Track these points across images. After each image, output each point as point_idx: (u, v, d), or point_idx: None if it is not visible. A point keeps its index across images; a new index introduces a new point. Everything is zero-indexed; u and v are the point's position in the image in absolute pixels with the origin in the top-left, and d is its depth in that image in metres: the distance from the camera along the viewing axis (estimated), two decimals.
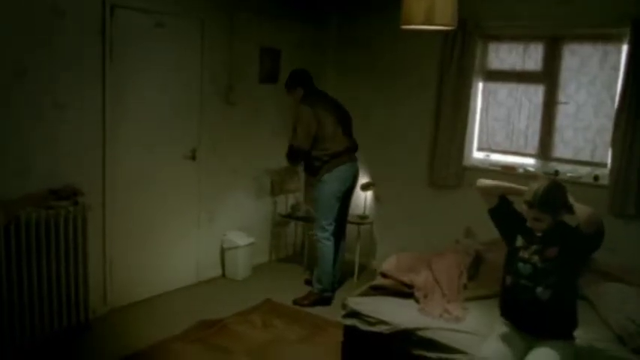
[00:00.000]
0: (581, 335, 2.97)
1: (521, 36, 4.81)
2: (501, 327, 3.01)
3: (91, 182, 4.07)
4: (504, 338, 2.92)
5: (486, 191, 3.06)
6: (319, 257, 4.73)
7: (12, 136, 3.63)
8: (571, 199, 2.80)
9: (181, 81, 4.65)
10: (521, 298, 2.89)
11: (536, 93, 4.79)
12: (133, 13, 4.18)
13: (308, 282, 5.01)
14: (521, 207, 2.93)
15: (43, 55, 3.71)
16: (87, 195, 3.93)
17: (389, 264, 3.94)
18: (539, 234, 2.87)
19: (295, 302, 4.69)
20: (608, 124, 4.43)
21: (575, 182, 4.47)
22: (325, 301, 4.71)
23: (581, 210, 2.73)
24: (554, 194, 2.78)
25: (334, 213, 4.72)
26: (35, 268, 3.60)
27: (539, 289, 2.82)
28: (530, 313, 2.87)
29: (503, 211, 3.04)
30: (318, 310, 4.54)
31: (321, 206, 4.70)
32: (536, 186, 2.79)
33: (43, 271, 3.64)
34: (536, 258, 2.85)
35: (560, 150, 4.74)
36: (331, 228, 4.72)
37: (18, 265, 3.51)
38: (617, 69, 4.40)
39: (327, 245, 4.70)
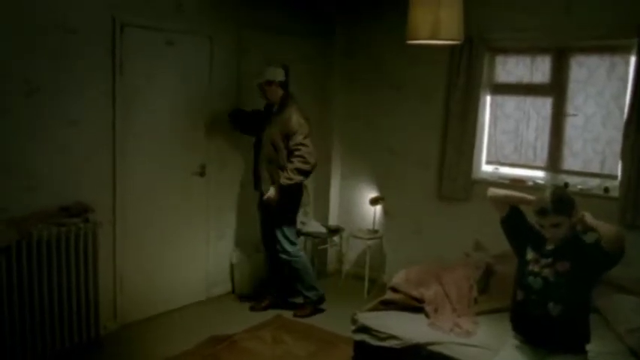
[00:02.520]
0: (594, 349, 2.95)
1: (528, 48, 4.81)
2: (513, 341, 2.99)
3: (102, 198, 4.10)
4: (516, 352, 2.90)
5: (498, 200, 3.07)
6: (301, 270, 4.72)
7: (23, 153, 3.67)
8: (594, 220, 2.75)
9: (190, 97, 4.69)
10: (532, 313, 2.86)
11: (544, 105, 4.78)
12: (142, 32, 4.24)
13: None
14: (531, 218, 2.92)
15: (53, 71, 3.76)
16: (97, 211, 3.97)
17: (399, 278, 3.94)
18: (550, 247, 2.85)
19: (295, 315, 4.71)
20: (618, 136, 4.40)
21: (586, 194, 4.44)
22: (321, 302, 4.81)
23: (606, 228, 2.67)
24: (563, 195, 2.80)
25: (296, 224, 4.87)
26: (46, 284, 3.63)
27: (550, 304, 2.79)
28: (542, 328, 2.84)
29: (514, 220, 3.04)
30: (329, 326, 4.52)
31: (288, 222, 4.70)
32: (542, 195, 2.81)
33: (54, 287, 3.67)
34: (547, 271, 2.83)
35: (569, 162, 4.72)
36: (296, 239, 4.81)
37: (29, 282, 3.54)
38: (624, 80, 4.38)
39: (302, 257, 4.78)
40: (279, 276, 4.88)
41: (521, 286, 2.93)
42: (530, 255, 2.94)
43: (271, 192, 4.55)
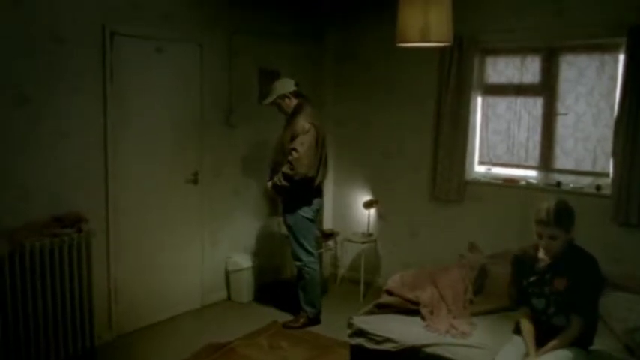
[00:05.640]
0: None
1: (518, 49, 4.83)
2: (516, 338, 3.01)
3: (94, 208, 4.08)
4: (520, 346, 2.92)
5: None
6: (308, 282, 4.60)
7: (15, 163, 3.66)
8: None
9: (182, 105, 4.69)
10: (542, 332, 2.90)
11: (535, 105, 4.80)
12: (132, 40, 4.23)
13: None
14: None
15: (44, 81, 3.76)
16: (90, 221, 3.95)
17: (394, 281, 3.93)
18: (544, 263, 2.87)
19: (285, 326, 4.61)
20: (609, 134, 4.43)
21: (578, 193, 4.46)
22: (316, 321, 4.66)
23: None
24: (565, 209, 2.82)
25: (314, 235, 4.71)
26: (40, 295, 3.60)
27: (554, 318, 2.86)
28: (549, 337, 2.87)
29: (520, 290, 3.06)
30: (325, 330, 4.51)
31: (302, 231, 4.57)
32: (545, 205, 2.82)
33: (48, 298, 3.65)
34: (547, 290, 2.87)
35: (561, 161, 4.73)
36: (315, 251, 4.68)
37: (23, 293, 3.51)
38: (614, 78, 4.41)
39: (315, 269, 4.62)
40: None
41: (529, 308, 2.98)
42: (525, 282, 2.97)
43: (268, 184, 4.60)
